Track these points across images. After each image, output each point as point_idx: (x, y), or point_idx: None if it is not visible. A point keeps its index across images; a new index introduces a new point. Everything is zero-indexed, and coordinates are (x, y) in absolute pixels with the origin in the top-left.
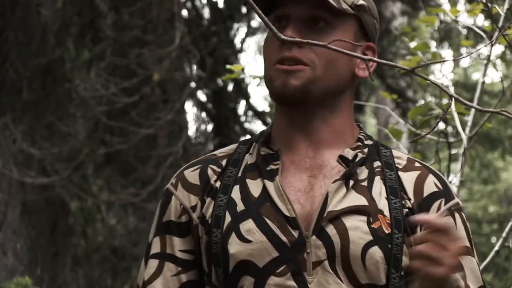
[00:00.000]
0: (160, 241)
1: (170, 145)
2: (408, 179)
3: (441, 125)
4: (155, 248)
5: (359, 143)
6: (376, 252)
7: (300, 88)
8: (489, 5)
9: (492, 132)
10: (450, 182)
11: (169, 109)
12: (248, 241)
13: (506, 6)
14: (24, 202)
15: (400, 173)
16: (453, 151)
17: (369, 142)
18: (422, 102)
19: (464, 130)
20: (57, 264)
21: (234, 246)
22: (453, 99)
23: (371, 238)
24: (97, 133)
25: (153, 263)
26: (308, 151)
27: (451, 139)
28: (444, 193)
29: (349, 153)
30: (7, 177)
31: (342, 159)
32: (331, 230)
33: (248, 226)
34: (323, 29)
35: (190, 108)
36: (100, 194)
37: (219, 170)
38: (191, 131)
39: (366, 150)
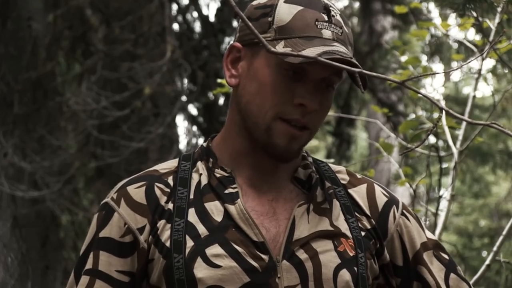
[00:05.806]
0: (93, 257)
1: (161, 159)
2: (359, 195)
3: (432, 139)
4: (89, 264)
5: (305, 161)
6: (345, 274)
7: (297, 151)
8: (480, 19)
9: (483, 146)
10: (441, 196)
11: (160, 123)
12: (217, 266)
13: (497, 20)
14: (15, 215)
15: (349, 190)
16: (444, 165)
17: (310, 158)
18: (413, 116)
19: (455, 144)
20: (48, 278)
21: (202, 271)
22: (443, 112)
23: (339, 261)
24: (88, 146)
25: (84, 280)
26: (266, 175)
27: (442, 153)
28: (392, 199)
29: (301, 173)
30: None
31: (296, 179)
32: (301, 254)
33: (215, 251)
34: (329, 87)
35: (181, 122)
36: (91, 207)
37: (168, 190)
38: (182, 144)
39: (313, 167)
